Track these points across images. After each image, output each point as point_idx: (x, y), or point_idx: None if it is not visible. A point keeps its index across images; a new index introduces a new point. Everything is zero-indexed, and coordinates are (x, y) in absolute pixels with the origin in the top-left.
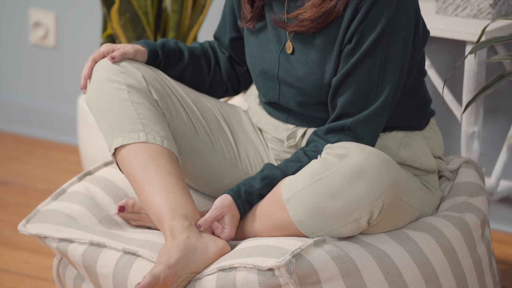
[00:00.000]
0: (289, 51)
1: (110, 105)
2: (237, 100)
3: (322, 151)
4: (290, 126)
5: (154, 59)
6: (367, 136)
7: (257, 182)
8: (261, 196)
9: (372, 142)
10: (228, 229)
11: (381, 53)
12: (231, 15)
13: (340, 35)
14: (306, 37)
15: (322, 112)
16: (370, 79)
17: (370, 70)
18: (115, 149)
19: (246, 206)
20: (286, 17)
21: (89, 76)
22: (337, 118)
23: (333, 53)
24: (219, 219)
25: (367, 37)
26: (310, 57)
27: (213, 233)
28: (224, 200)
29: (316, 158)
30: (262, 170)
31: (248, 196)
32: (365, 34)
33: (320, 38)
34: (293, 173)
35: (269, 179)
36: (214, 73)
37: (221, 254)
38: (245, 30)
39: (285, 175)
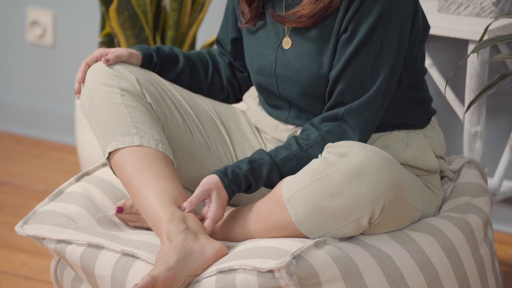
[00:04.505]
0: (287, 46)
1: (104, 109)
2: None
3: (313, 139)
4: (290, 127)
5: (149, 63)
6: (359, 126)
7: (245, 164)
8: (248, 179)
9: (364, 132)
10: (213, 208)
11: (376, 41)
12: (233, 14)
13: (337, 24)
14: (304, 31)
15: (322, 108)
16: (365, 67)
17: (365, 59)
18: (109, 153)
19: (234, 187)
20: (285, 15)
21: (83, 80)
22: (332, 107)
23: (330, 43)
24: (205, 198)
25: (363, 25)
26: (307, 49)
27: (202, 219)
28: (210, 179)
29: (307, 146)
30: (252, 154)
31: (235, 177)
32: (360, 22)
33: (317, 30)
34: (282, 159)
35: (256, 163)
36: (212, 78)
37: (218, 256)
38: (244, 30)
39: (273, 161)
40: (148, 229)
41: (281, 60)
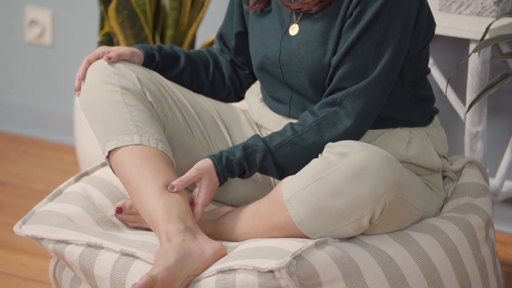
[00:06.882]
0: (294, 32)
1: (104, 107)
2: None
3: (308, 125)
4: (293, 121)
5: (151, 62)
6: (355, 110)
7: (239, 151)
8: (241, 165)
9: (359, 119)
10: (203, 193)
11: (380, 28)
12: (239, 7)
13: (342, 10)
14: (311, 18)
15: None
16: (367, 53)
17: (368, 45)
18: (109, 152)
19: (226, 173)
20: None
21: (83, 77)
22: (331, 93)
23: (334, 29)
24: (196, 181)
25: (367, 10)
26: (312, 35)
27: (191, 203)
28: (205, 163)
29: (301, 132)
30: (247, 140)
31: (229, 164)
32: (365, 8)
33: (323, 17)
34: (276, 146)
35: (250, 149)
36: (213, 76)
37: (217, 256)
38: (250, 17)
39: (267, 147)
40: (148, 229)
41: (286, 49)
